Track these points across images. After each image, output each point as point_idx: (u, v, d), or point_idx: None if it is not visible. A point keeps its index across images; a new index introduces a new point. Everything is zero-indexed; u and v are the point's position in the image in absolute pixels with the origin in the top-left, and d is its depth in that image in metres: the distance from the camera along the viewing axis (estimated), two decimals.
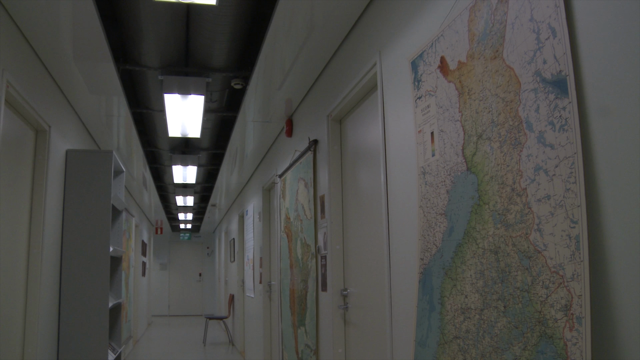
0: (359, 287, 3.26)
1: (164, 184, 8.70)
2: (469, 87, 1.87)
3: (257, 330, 7.15)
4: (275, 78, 4.03)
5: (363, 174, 3.23)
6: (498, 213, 1.68)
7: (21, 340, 3.56)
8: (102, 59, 3.59)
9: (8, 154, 3.24)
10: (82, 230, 4.38)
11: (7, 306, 3.29)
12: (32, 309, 3.64)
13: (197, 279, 18.10)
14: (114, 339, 5.27)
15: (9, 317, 3.34)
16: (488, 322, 1.72)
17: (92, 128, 5.30)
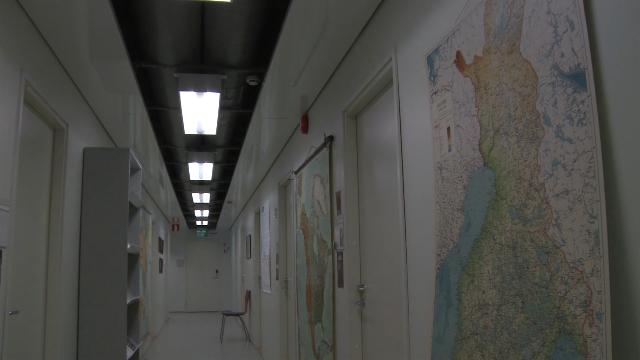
0: (375, 283, 3.26)
1: (180, 181, 8.74)
2: (486, 82, 1.85)
3: (273, 326, 7.17)
4: (290, 74, 4.03)
5: (379, 169, 3.22)
6: (515, 208, 1.67)
7: (42, 336, 3.60)
8: (118, 57, 3.61)
9: (27, 152, 3.27)
10: (99, 228, 4.42)
11: (28, 302, 3.33)
12: (52, 305, 3.68)
13: (213, 276, 18.19)
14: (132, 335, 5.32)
15: (30, 313, 3.38)
16: (506, 318, 1.71)
17: (109, 126, 5.33)
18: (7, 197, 2.75)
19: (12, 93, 2.79)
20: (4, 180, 2.70)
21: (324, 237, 4.11)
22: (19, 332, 3.19)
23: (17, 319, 3.13)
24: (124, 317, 4.39)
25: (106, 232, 4.43)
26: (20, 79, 2.90)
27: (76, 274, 4.28)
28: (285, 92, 4.44)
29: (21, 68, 2.91)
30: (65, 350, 3.95)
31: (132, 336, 5.31)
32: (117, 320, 4.38)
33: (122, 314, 4.39)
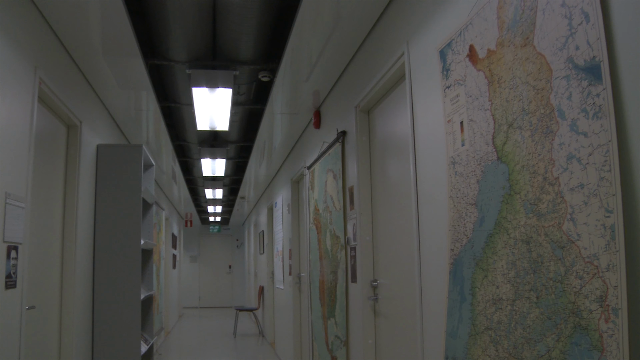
0: (388, 279, 3.25)
1: (193, 177, 8.77)
2: (499, 76, 1.84)
3: (287, 321, 7.18)
4: (302, 70, 4.03)
5: (392, 164, 3.22)
6: (530, 203, 1.66)
7: (58, 331, 3.63)
8: (131, 54, 3.62)
9: (41, 150, 3.30)
10: (113, 224, 4.45)
11: (44, 298, 3.36)
12: (67, 301, 3.71)
13: (226, 271, 18.26)
14: (146, 330, 5.35)
15: (47, 309, 3.41)
16: (520, 313, 1.70)
17: (122, 123, 5.36)
18: (23, 194, 2.77)
19: (26, 91, 2.81)
20: (19, 178, 2.72)
21: (337, 233, 4.11)
22: (36, 327, 3.22)
23: (33, 314, 3.16)
24: (138, 313, 4.42)
25: (120, 228, 4.45)
26: (34, 77, 2.92)
27: (91, 270, 4.31)
28: (297, 88, 4.44)
29: (35, 66, 2.93)
30: (81, 345, 3.99)
31: (147, 331, 5.35)
32: (132, 316, 4.40)
33: (137, 309, 4.42)
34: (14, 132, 2.65)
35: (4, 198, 2.53)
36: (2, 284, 2.54)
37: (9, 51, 2.58)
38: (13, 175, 2.65)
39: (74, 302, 3.75)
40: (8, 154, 2.58)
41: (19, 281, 2.73)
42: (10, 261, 2.62)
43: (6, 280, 2.58)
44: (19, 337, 2.74)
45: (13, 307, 2.67)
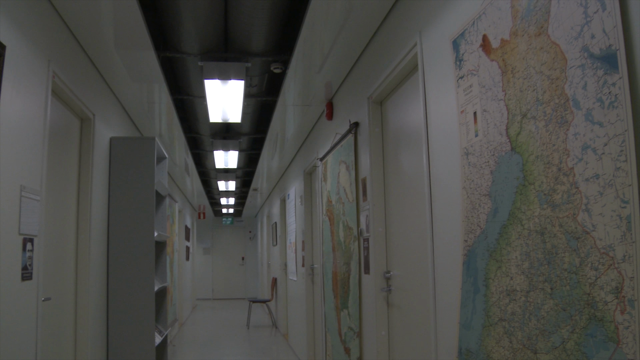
0: (401, 270, 3.25)
1: (205, 169, 8.80)
2: (513, 66, 1.82)
3: (300, 313, 7.21)
4: (314, 61, 4.02)
5: (405, 155, 3.21)
6: (544, 193, 1.64)
7: (73, 322, 3.67)
8: (143, 47, 3.63)
9: (55, 143, 3.32)
10: (127, 216, 4.47)
11: (60, 290, 3.39)
12: (82, 292, 3.75)
13: (240, 263, 18.33)
14: (160, 321, 5.39)
15: (62, 300, 3.44)
16: (534, 305, 1.69)
17: (135, 115, 5.38)
18: (38, 187, 2.79)
19: (40, 84, 2.83)
20: (33, 170, 2.74)
21: (350, 224, 4.11)
22: (52, 318, 3.25)
23: (49, 305, 3.19)
24: (152, 304, 4.45)
25: (133, 221, 4.48)
26: (48, 71, 2.93)
27: (105, 262, 4.34)
28: (309, 79, 4.43)
29: (49, 60, 2.94)
30: (96, 336, 4.02)
31: (161, 323, 5.39)
32: (146, 307, 4.44)
33: (150, 301, 4.45)
34: (28, 125, 2.67)
35: (19, 191, 2.55)
36: (19, 276, 2.56)
37: (23, 45, 2.59)
38: (28, 169, 2.67)
39: (88, 294, 3.79)
40: (23, 147, 2.60)
41: (35, 273, 2.76)
42: (26, 253, 2.65)
43: (22, 272, 2.60)
44: (35, 328, 2.77)
45: (29, 298, 2.70)
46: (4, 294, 2.40)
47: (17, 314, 2.54)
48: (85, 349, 3.73)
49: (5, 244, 2.41)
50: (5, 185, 2.40)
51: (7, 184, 2.42)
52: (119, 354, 4.35)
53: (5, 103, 2.38)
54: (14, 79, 2.48)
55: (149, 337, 4.42)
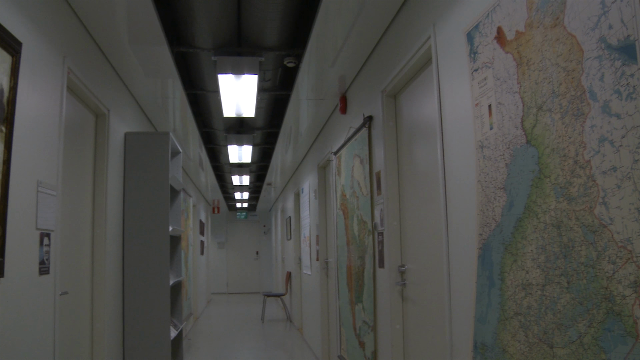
0: (416, 264, 3.24)
1: (219, 164, 8.83)
2: (528, 58, 1.80)
3: (314, 307, 7.22)
4: (328, 55, 4.01)
5: (419, 149, 3.19)
6: (560, 186, 1.63)
7: (90, 316, 3.70)
8: (157, 42, 3.64)
9: (71, 138, 3.34)
10: (142, 211, 4.49)
11: (76, 284, 3.42)
12: (98, 286, 3.78)
13: (254, 257, 18.39)
14: (175, 315, 5.42)
15: (78, 294, 3.47)
16: (550, 298, 1.68)
17: (149, 110, 5.40)
18: (54, 182, 2.82)
19: (55, 80, 2.85)
20: (50, 166, 2.76)
21: (364, 218, 4.10)
22: (69, 312, 3.28)
23: (66, 299, 3.22)
24: (167, 298, 4.47)
25: (148, 215, 4.50)
26: (63, 67, 2.95)
27: (120, 256, 4.37)
28: (323, 73, 4.42)
29: (64, 56, 2.96)
30: (112, 329, 4.06)
31: (176, 317, 5.42)
32: (161, 301, 4.46)
33: (166, 295, 4.47)
34: (44, 121, 2.69)
35: (35, 186, 2.57)
36: (36, 270, 2.59)
37: (39, 42, 2.61)
38: (44, 164, 2.69)
39: (104, 288, 3.82)
40: (39, 142, 2.62)
41: (52, 267, 2.79)
42: (43, 248, 2.67)
43: (40, 266, 2.63)
44: (53, 321, 2.79)
45: (47, 292, 2.73)
46: (23, 288, 2.42)
47: (35, 308, 2.57)
48: (102, 342, 3.76)
49: (23, 239, 2.43)
50: (23, 181, 2.42)
51: (24, 179, 2.44)
52: (135, 347, 4.38)
53: (22, 99, 2.40)
54: (30, 75, 2.50)
55: (164, 331, 4.45)
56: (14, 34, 2.30)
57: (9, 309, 2.28)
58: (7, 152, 2.23)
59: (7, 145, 2.23)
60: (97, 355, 3.74)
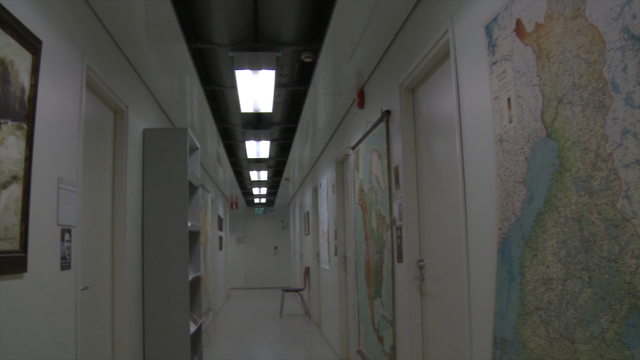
0: (435, 258, 3.23)
1: (237, 160, 8.86)
2: (548, 50, 1.78)
3: (333, 302, 7.23)
4: (345, 50, 4.00)
5: (437, 143, 3.18)
6: (581, 180, 1.61)
7: (110, 311, 3.74)
8: (174, 39, 3.65)
9: (90, 134, 3.37)
10: (161, 206, 4.52)
11: (97, 279, 3.46)
12: (118, 282, 3.81)
13: (272, 252, 18.44)
14: (195, 310, 5.46)
15: (99, 289, 3.50)
16: (572, 293, 1.66)
17: (167, 107, 5.43)
18: (74, 179, 2.84)
19: (75, 78, 2.87)
20: (70, 163, 2.79)
21: (383, 213, 4.09)
22: (90, 307, 3.31)
23: (87, 294, 3.25)
24: (186, 293, 4.50)
25: (167, 211, 4.53)
26: (82, 64, 2.97)
27: (140, 251, 4.41)
28: (340, 68, 4.41)
29: (83, 53, 2.98)
30: (133, 324, 4.09)
31: (195, 312, 5.45)
32: (180, 296, 4.49)
33: (185, 290, 4.50)
34: (64, 118, 2.71)
35: (56, 183, 2.60)
36: (58, 266, 2.62)
37: (58, 40, 2.63)
38: (64, 161, 2.72)
39: (124, 283, 3.85)
40: (59, 140, 2.65)
41: (73, 263, 2.82)
42: (65, 243, 2.70)
43: (61, 261, 2.66)
44: (75, 315, 2.83)
45: (68, 287, 2.76)
46: (45, 283, 2.45)
47: (57, 303, 2.60)
48: (122, 336, 3.80)
49: (44, 235, 2.46)
50: (44, 178, 2.45)
51: (45, 176, 2.46)
52: (155, 342, 4.42)
53: (42, 97, 2.43)
54: (50, 73, 2.52)
55: (183, 326, 4.48)
56: (34, 33, 2.33)
57: (32, 303, 2.31)
58: (28, 150, 2.25)
59: (29, 143, 2.25)
60: (118, 349, 3.78)
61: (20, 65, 2.20)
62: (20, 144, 2.19)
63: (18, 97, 2.17)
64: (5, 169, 2.07)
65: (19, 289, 2.20)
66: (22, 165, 2.21)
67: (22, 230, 2.20)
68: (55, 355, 2.56)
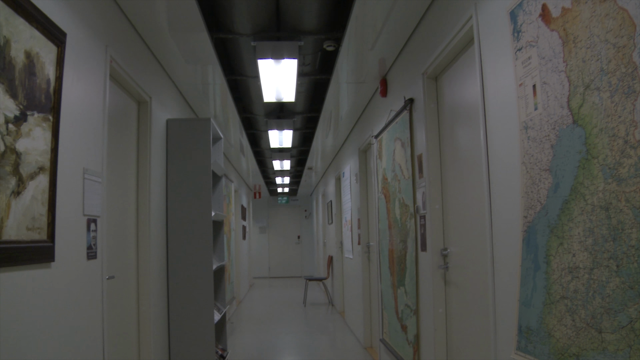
0: (459, 247, 3.21)
1: (260, 149, 8.88)
2: (575, 35, 1.75)
3: (356, 290, 7.23)
4: (367, 38, 3.97)
5: (461, 131, 3.15)
6: (609, 167, 1.58)
7: (136, 300, 3.78)
8: (196, 29, 3.66)
9: (114, 125, 3.40)
10: (185, 196, 4.55)
11: (122, 268, 3.50)
12: (143, 271, 3.85)
13: (295, 242, 18.51)
14: (219, 299, 5.50)
15: (125, 279, 3.55)
16: (599, 282, 1.64)
17: (190, 97, 5.46)
18: (99, 169, 2.87)
19: (99, 69, 2.90)
20: (95, 153, 2.82)
21: (406, 201, 4.08)
22: (116, 295, 3.36)
23: (113, 283, 3.30)
24: (210, 282, 4.53)
25: (191, 201, 4.56)
26: (105, 56, 2.99)
27: (164, 241, 4.45)
28: (362, 56, 4.39)
29: (106, 45, 3.01)
30: (158, 312, 4.14)
31: (219, 301, 5.50)
32: (205, 286, 4.53)
33: (209, 279, 4.54)
34: (89, 109, 2.74)
35: (82, 173, 2.63)
36: (84, 255, 2.65)
37: (82, 32, 2.65)
38: (89, 152, 2.75)
39: (150, 272, 3.89)
40: (84, 131, 2.68)
41: (99, 252, 2.85)
42: (90, 233, 2.74)
43: (87, 251, 2.69)
44: (101, 304, 2.87)
45: (95, 276, 2.79)
46: (73, 273, 2.49)
47: (84, 291, 2.63)
48: (148, 325, 3.84)
49: (71, 225, 2.49)
50: (70, 168, 2.48)
51: (71, 166, 2.49)
52: (180, 330, 4.47)
53: (67, 88, 2.45)
54: (74, 65, 2.55)
55: (208, 315, 4.52)
56: (59, 25, 2.35)
57: (60, 292, 2.35)
58: (54, 141, 2.28)
59: (55, 134, 2.28)
60: (144, 336, 3.83)
61: (46, 57, 2.22)
62: (46, 135, 2.21)
63: (44, 89, 2.20)
64: (32, 160, 2.09)
65: (47, 278, 2.24)
66: (49, 156, 2.24)
67: (49, 221, 2.23)
68: (82, 342, 2.61)
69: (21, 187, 2.02)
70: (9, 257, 1.92)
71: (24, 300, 2.05)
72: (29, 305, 2.08)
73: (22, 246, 2.01)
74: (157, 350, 4.07)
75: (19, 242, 1.99)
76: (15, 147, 1.97)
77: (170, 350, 4.46)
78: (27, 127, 2.06)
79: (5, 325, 1.91)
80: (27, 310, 2.07)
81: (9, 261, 1.92)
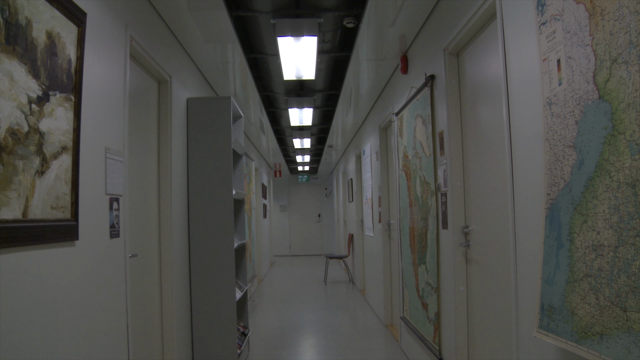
0: (480, 224, 3.19)
1: (280, 128, 8.87)
2: (602, 7, 1.71)
3: (376, 268, 7.25)
4: (387, 14, 3.92)
5: (483, 107, 3.11)
6: (636, 143, 1.55)
7: (158, 277, 3.83)
8: (215, 7, 3.64)
9: (135, 105, 3.41)
10: (206, 175, 4.57)
11: (145, 247, 3.54)
12: (165, 249, 3.89)
13: (316, 220, 18.56)
14: (240, 277, 5.54)
15: (147, 257, 3.59)
16: (624, 260, 1.62)
17: (210, 76, 5.45)
18: (120, 148, 2.89)
19: (119, 49, 2.90)
20: (116, 133, 2.84)
21: (427, 179, 4.05)
22: (138, 274, 3.40)
23: (136, 262, 3.34)
24: (232, 261, 4.57)
25: (212, 179, 4.58)
26: (125, 35, 3.00)
27: (186, 219, 4.48)
28: (383, 33, 4.34)
29: (126, 24, 3.00)
30: (180, 290, 4.19)
31: (240, 279, 5.54)
32: (226, 264, 4.56)
33: (230, 257, 4.57)
34: (110, 89, 2.75)
35: (104, 153, 2.65)
36: (107, 234, 2.68)
37: (102, 12, 2.65)
38: (111, 131, 2.76)
39: (171, 251, 3.93)
40: (105, 110, 2.69)
41: (121, 231, 2.88)
42: (113, 212, 2.76)
43: (110, 230, 2.72)
44: (125, 282, 2.90)
45: (118, 255, 2.83)
46: (96, 251, 2.52)
47: (108, 269, 2.67)
48: (170, 302, 3.89)
49: (94, 204, 2.52)
50: (92, 148, 2.50)
51: (93, 146, 2.51)
52: (202, 308, 4.52)
53: (88, 68, 2.46)
54: (94, 44, 2.55)
55: (229, 293, 4.56)
56: (79, 5, 2.35)
57: (84, 270, 2.38)
58: (76, 120, 2.29)
59: (77, 114, 2.30)
60: (166, 314, 3.88)
61: (67, 37, 2.22)
62: (68, 115, 2.23)
63: (65, 69, 2.21)
64: (55, 140, 2.11)
65: (71, 256, 2.27)
66: (71, 136, 2.25)
67: (72, 200, 2.25)
68: (106, 320, 2.65)
69: (45, 166, 2.04)
70: (34, 236, 1.95)
71: (50, 278, 2.08)
72: (54, 283, 2.12)
73: (47, 225, 2.04)
74: (179, 328, 4.13)
75: (44, 221, 2.02)
76: (39, 127, 1.99)
77: (192, 327, 4.52)
78: (50, 107, 2.07)
79: (33, 302, 1.95)
80: (53, 287, 2.10)
81: (35, 240, 1.95)
